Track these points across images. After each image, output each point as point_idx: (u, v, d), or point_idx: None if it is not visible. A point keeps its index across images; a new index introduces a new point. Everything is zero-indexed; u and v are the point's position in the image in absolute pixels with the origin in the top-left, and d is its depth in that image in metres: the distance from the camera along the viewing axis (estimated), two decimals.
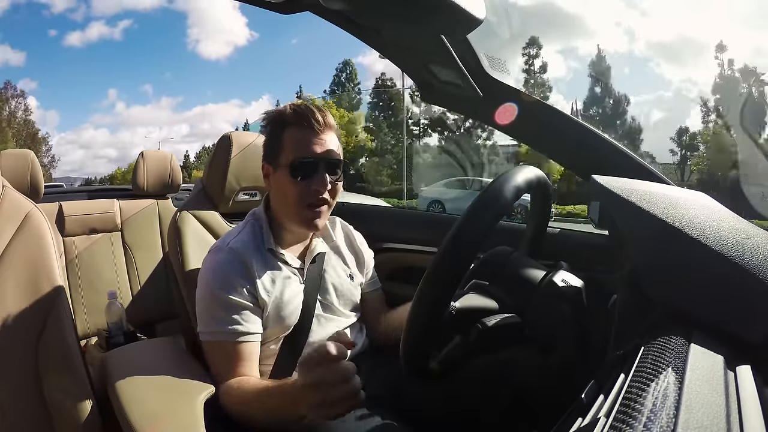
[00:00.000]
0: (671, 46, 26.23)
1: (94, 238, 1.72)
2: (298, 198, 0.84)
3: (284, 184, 0.85)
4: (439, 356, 0.64)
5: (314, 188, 0.84)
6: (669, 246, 0.51)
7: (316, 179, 0.84)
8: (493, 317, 0.61)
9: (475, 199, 0.60)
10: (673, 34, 28.54)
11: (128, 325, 1.44)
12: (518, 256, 0.71)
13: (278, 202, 0.89)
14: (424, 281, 0.58)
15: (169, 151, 2.06)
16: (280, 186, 0.86)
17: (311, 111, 0.85)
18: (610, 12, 30.20)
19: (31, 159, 1.57)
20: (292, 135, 0.85)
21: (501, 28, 14.22)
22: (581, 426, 0.35)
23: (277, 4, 0.75)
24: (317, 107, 0.87)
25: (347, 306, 0.95)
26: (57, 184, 7.58)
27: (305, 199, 0.84)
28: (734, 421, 0.31)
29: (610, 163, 0.80)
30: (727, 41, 19.26)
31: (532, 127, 0.89)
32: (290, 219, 0.88)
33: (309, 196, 0.84)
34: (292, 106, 0.88)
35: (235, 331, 0.80)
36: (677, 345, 0.40)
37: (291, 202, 0.85)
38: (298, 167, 0.83)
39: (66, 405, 0.75)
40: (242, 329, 0.81)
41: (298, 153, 0.84)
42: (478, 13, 0.62)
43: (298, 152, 0.84)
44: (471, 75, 0.84)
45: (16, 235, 0.78)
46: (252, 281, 0.83)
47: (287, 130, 0.86)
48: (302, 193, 0.84)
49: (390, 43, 0.86)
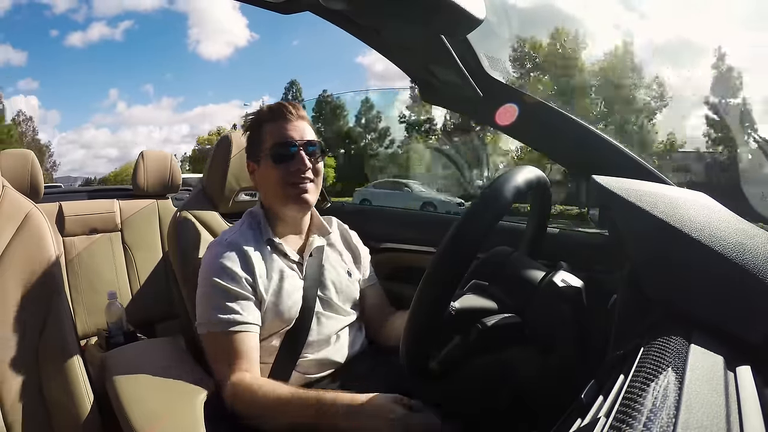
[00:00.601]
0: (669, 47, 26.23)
1: (94, 238, 1.72)
2: (282, 180, 0.89)
3: (268, 172, 0.90)
4: (439, 356, 0.64)
5: (295, 168, 0.89)
6: (669, 246, 0.51)
7: (297, 161, 0.89)
8: (493, 317, 0.61)
9: (476, 198, 0.60)
10: (670, 35, 28.52)
11: (128, 325, 1.44)
12: (518, 256, 0.71)
13: (267, 191, 0.93)
14: (423, 281, 0.58)
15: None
16: (265, 176, 0.91)
17: (284, 105, 0.92)
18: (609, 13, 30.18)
19: (31, 159, 1.57)
20: (269, 129, 0.91)
21: (501, 28, 14.23)
22: (581, 426, 0.35)
23: (277, 4, 0.75)
24: (290, 102, 0.94)
25: (347, 303, 0.95)
26: (55, 185, 7.58)
27: (289, 179, 0.89)
28: (734, 421, 0.31)
29: (610, 163, 0.80)
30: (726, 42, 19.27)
31: (532, 127, 0.89)
32: (280, 202, 0.91)
33: (291, 176, 0.89)
34: (267, 105, 0.95)
35: (234, 320, 0.81)
36: (677, 345, 0.40)
37: (276, 184, 0.89)
38: (277, 152, 0.89)
39: (66, 404, 0.75)
40: (241, 319, 0.81)
41: (276, 140, 0.90)
42: (478, 13, 0.62)
43: (275, 140, 0.90)
44: (471, 75, 0.84)
45: (16, 235, 0.78)
46: (251, 273, 0.84)
47: (264, 127, 0.92)
48: (285, 175, 0.89)
49: (390, 43, 0.86)
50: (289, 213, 0.92)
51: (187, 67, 45.84)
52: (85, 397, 0.76)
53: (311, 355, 0.87)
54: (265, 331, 0.85)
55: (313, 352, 0.87)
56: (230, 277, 0.83)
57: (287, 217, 0.93)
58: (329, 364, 0.88)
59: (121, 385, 0.74)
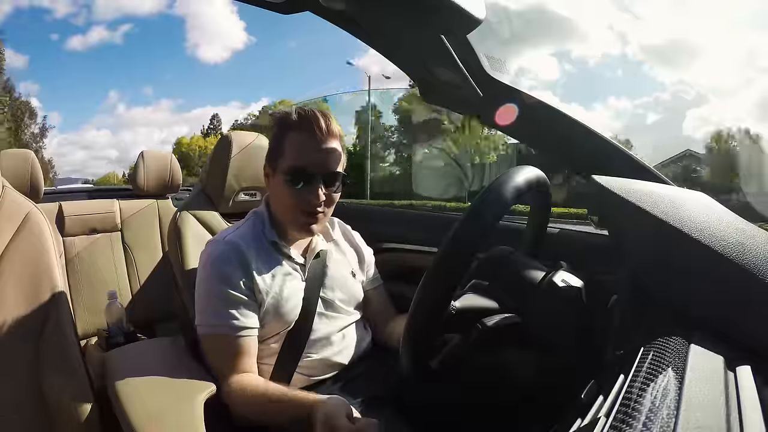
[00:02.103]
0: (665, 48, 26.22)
1: (93, 238, 1.72)
2: (293, 204, 0.85)
3: (281, 189, 0.86)
4: (439, 356, 0.64)
5: (309, 198, 0.84)
6: (669, 246, 0.51)
7: (312, 190, 0.83)
8: (493, 317, 0.61)
9: (476, 199, 0.60)
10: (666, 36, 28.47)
11: (128, 325, 1.44)
12: (518, 256, 0.71)
13: (276, 204, 0.90)
14: (424, 281, 0.58)
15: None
16: (277, 190, 0.87)
17: (315, 117, 0.83)
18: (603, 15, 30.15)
19: (31, 159, 1.57)
20: (293, 140, 0.84)
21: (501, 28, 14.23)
22: (581, 426, 0.35)
23: (277, 4, 0.75)
24: (322, 113, 0.85)
25: (350, 303, 0.94)
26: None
27: (300, 206, 0.85)
28: (734, 421, 0.31)
29: (610, 163, 0.80)
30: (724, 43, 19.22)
31: (532, 128, 0.89)
32: (286, 220, 0.89)
33: (304, 204, 0.84)
34: (298, 109, 0.86)
35: (232, 325, 0.80)
36: (677, 345, 0.40)
37: (286, 206, 0.86)
38: (294, 175, 0.83)
39: (66, 405, 0.75)
40: (239, 323, 0.81)
41: (297, 161, 0.83)
42: (478, 13, 0.62)
43: (296, 160, 0.83)
44: (471, 75, 0.84)
45: (16, 235, 0.78)
46: (249, 274, 0.83)
47: (289, 134, 0.85)
48: (297, 201, 0.84)
49: (390, 43, 0.86)
50: (293, 232, 0.91)
51: (186, 69, 45.93)
52: (84, 397, 0.76)
53: (314, 356, 0.87)
54: (265, 332, 0.85)
55: (316, 353, 0.87)
56: (228, 279, 0.82)
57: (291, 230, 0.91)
58: (333, 365, 0.88)
59: (121, 385, 0.74)
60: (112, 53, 37.90)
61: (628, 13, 25.54)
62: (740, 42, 24.47)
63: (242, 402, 0.76)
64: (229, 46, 47.65)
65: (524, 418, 0.71)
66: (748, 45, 23.45)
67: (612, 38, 28.87)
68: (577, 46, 32.27)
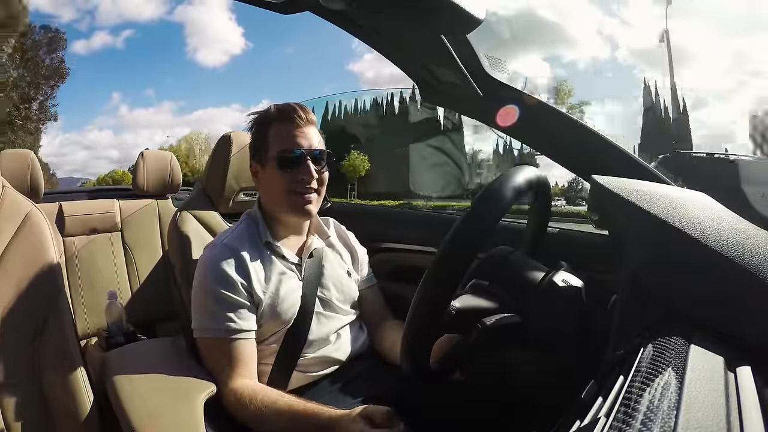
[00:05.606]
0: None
1: (93, 237, 1.72)
2: (286, 187, 0.87)
3: (272, 177, 0.88)
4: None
5: (301, 177, 0.87)
6: (669, 246, 0.51)
7: (303, 169, 0.87)
8: (493, 317, 0.61)
9: (475, 198, 0.60)
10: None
11: (128, 325, 1.45)
12: (518, 256, 0.71)
13: (269, 196, 0.92)
14: (424, 281, 0.58)
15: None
16: (269, 180, 0.90)
17: (293, 108, 0.89)
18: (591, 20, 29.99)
19: (31, 159, 1.57)
20: (277, 130, 0.89)
21: (501, 27, 14.23)
22: (581, 426, 0.35)
23: (278, 4, 0.75)
24: (299, 105, 0.91)
25: (346, 302, 0.95)
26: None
27: (293, 187, 0.87)
28: (734, 421, 0.31)
29: (610, 163, 0.80)
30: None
31: (532, 128, 0.89)
32: (282, 209, 0.90)
33: (296, 185, 0.87)
34: (275, 105, 0.92)
35: (229, 328, 0.81)
36: (677, 345, 0.40)
37: (280, 191, 0.88)
38: (284, 159, 0.87)
39: (66, 404, 0.75)
40: (236, 327, 0.81)
41: (284, 146, 0.87)
42: (478, 13, 0.62)
43: (283, 145, 0.87)
44: (471, 75, 0.84)
45: (16, 235, 0.78)
46: (247, 276, 0.84)
47: (272, 127, 0.89)
48: (290, 183, 0.87)
49: (390, 43, 0.86)
50: (290, 219, 0.92)
51: (186, 73, 46.32)
52: (85, 397, 0.76)
53: (312, 354, 0.87)
54: (264, 332, 0.85)
55: (313, 351, 0.87)
56: (225, 282, 0.82)
57: (287, 221, 0.93)
58: (330, 362, 0.88)
59: (121, 385, 0.74)
60: (114, 57, 38.28)
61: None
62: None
63: (240, 408, 0.76)
64: (228, 50, 47.98)
65: (524, 418, 0.71)
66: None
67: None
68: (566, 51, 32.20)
